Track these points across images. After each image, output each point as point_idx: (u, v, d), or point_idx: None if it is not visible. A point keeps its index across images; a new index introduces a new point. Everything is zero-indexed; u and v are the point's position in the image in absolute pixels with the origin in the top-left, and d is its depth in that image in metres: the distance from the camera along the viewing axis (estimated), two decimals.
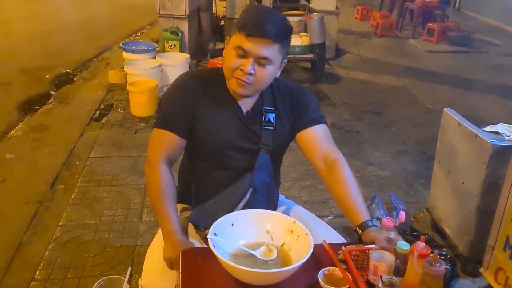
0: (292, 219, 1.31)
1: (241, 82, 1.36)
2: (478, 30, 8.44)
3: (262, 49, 1.32)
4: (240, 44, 1.32)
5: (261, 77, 1.36)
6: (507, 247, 1.88)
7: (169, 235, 1.36)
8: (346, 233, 2.60)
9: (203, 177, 1.53)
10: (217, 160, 1.48)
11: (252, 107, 1.48)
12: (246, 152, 1.47)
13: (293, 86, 1.55)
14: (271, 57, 1.34)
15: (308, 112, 1.50)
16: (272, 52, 1.33)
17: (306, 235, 1.26)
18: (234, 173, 1.47)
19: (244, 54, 1.33)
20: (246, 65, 1.33)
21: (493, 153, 1.99)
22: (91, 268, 2.27)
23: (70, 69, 5.66)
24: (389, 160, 3.53)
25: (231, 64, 1.36)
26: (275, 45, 1.33)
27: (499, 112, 4.58)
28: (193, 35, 5.68)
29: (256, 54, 1.32)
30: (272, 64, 1.36)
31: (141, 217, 2.71)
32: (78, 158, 3.39)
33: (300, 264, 1.16)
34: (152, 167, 1.44)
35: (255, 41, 1.31)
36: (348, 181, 1.42)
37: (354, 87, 5.41)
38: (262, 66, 1.35)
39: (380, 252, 1.24)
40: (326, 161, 1.46)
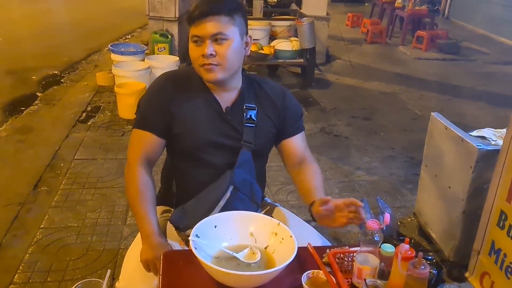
0: (277, 221, 1.29)
1: (207, 67, 1.37)
2: (466, 38, 8.55)
3: (210, 27, 1.34)
4: (192, 33, 1.36)
5: (224, 53, 1.36)
6: (493, 252, 1.87)
7: (147, 237, 1.33)
8: (332, 237, 2.59)
9: (184, 176, 1.51)
10: (197, 158, 1.46)
11: (232, 103, 1.47)
12: (226, 150, 1.46)
13: (275, 86, 1.56)
14: (224, 31, 1.35)
15: (293, 121, 1.54)
16: (223, 26, 1.34)
17: (290, 238, 1.24)
18: (215, 171, 1.45)
19: (199, 39, 1.35)
20: (204, 48, 1.35)
21: (479, 157, 1.98)
22: (72, 272, 2.21)
23: (57, 71, 5.60)
24: (377, 165, 3.53)
25: (193, 55, 1.38)
26: (222, 18, 1.34)
27: (485, 119, 4.62)
28: (183, 38, 5.65)
29: (208, 33, 1.34)
30: (229, 39, 1.36)
31: (125, 220, 2.66)
32: (63, 160, 3.33)
33: (283, 267, 1.13)
34: (131, 168, 1.43)
35: (202, 23, 1.34)
36: (313, 173, 1.49)
37: (344, 92, 5.43)
38: (221, 44, 1.35)
39: (365, 255, 1.22)
40: (299, 165, 1.53)
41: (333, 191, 3.10)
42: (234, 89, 1.47)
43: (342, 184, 3.21)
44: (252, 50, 4.88)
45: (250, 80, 1.53)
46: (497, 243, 1.85)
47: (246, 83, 1.50)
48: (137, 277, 1.37)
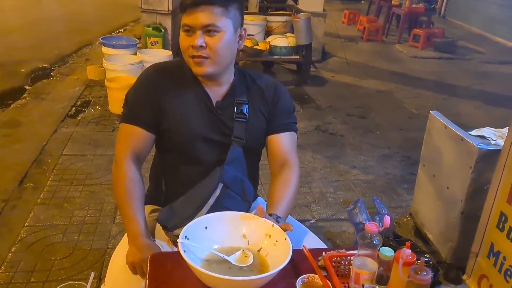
0: (271, 223, 1.22)
1: (197, 60, 1.31)
2: (462, 37, 8.52)
3: (202, 17, 1.27)
4: (183, 22, 1.30)
5: (214, 46, 1.30)
6: (492, 254, 1.82)
7: (134, 238, 1.27)
8: (328, 237, 2.53)
9: (173, 174, 1.45)
10: (187, 155, 1.40)
11: (222, 97, 1.41)
12: (216, 145, 1.39)
13: (268, 80, 1.49)
14: (216, 23, 1.28)
15: (282, 117, 1.46)
16: (216, 18, 1.28)
17: (285, 240, 1.17)
18: (205, 169, 1.38)
19: (190, 29, 1.29)
20: (195, 39, 1.28)
21: (479, 157, 1.93)
22: (57, 272, 2.13)
23: (47, 64, 5.47)
24: (373, 164, 3.47)
25: (183, 44, 1.32)
26: (216, 9, 1.28)
27: (481, 118, 4.59)
28: (177, 31, 5.54)
29: (199, 24, 1.28)
30: (222, 31, 1.30)
31: (114, 218, 2.58)
32: (50, 155, 3.24)
33: (277, 271, 1.07)
34: (119, 165, 1.36)
35: (194, 13, 1.28)
36: (288, 183, 1.41)
37: (340, 90, 5.36)
38: (212, 36, 1.29)
39: (363, 259, 1.16)
40: (282, 166, 1.44)
41: (328, 190, 3.04)
42: (225, 83, 1.41)
43: (337, 183, 3.15)
44: (247, 45, 4.80)
45: (242, 73, 1.46)
46: (496, 245, 1.80)
47: (238, 77, 1.44)
48: (123, 280, 1.31)
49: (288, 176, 1.41)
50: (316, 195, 2.97)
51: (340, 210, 2.80)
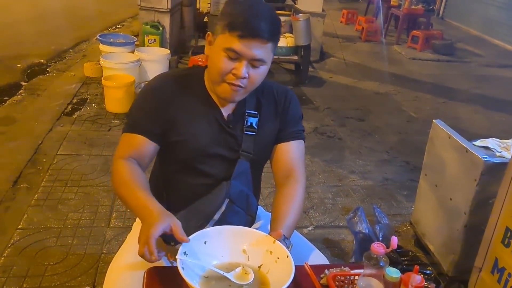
0: (272, 238, 1.18)
1: (234, 88, 1.24)
2: (461, 39, 8.51)
3: (256, 50, 1.20)
4: (232, 46, 1.19)
5: (255, 79, 1.25)
6: (496, 270, 1.78)
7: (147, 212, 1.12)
8: (326, 245, 2.50)
9: (176, 185, 1.39)
10: (192, 168, 1.34)
11: (233, 110, 1.35)
12: (224, 160, 1.34)
13: (278, 88, 1.43)
14: (265, 58, 1.22)
15: (292, 124, 1.41)
16: (266, 52, 1.22)
17: (287, 257, 1.13)
18: (210, 181, 1.34)
19: (237, 56, 1.20)
20: (240, 69, 1.21)
21: (484, 170, 1.89)
22: (50, 278, 2.08)
23: (43, 60, 5.40)
24: (372, 169, 3.44)
25: (222, 68, 1.22)
26: (269, 44, 1.22)
27: (481, 123, 4.57)
28: (175, 30, 5.49)
29: (250, 56, 1.20)
30: (265, 64, 1.24)
31: (109, 222, 2.53)
32: (45, 155, 3.17)
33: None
34: (117, 162, 1.28)
35: (248, 42, 1.18)
36: (293, 197, 1.34)
37: (338, 91, 5.33)
38: (256, 68, 1.23)
39: (368, 279, 1.12)
40: (287, 177, 1.38)
41: (327, 195, 3.01)
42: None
43: (335, 188, 3.11)
44: None
45: None
46: (500, 261, 1.76)
47: None
48: None
49: (293, 190, 1.35)
50: (315, 201, 2.93)
51: (338, 217, 2.76)
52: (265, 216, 1.57)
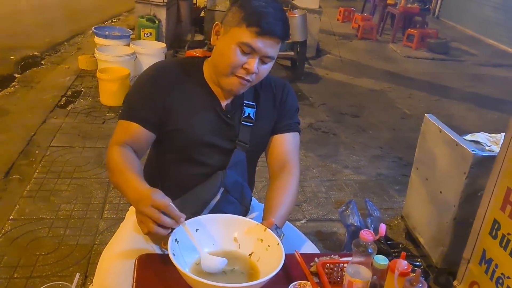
0: (263, 227, 1.19)
1: (243, 82, 1.25)
2: (456, 39, 8.55)
3: (270, 47, 1.22)
4: (248, 41, 1.20)
5: (262, 74, 1.28)
6: (483, 261, 1.81)
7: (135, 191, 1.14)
8: (318, 238, 2.51)
9: (172, 174, 1.39)
10: (189, 157, 1.35)
11: (231, 100, 1.36)
12: (220, 149, 1.35)
13: (276, 81, 1.45)
14: (275, 55, 1.26)
15: (288, 116, 1.43)
16: (277, 50, 1.26)
17: (277, 245, 1.14)
18: (206, 170, 1.34)
19: (250, 51, 1.21)
20: (252, 64, 1.22)
21: (473, 163, 1.91)
22: (41, 268, 2.08)
23: (38, 52, 5.37)
24: (365, 164, 3.46)
25: (235, 62, 1.22)
26: (280, 43, 1.25)
27: (473, 121, 4.61)
28: (171, 24, 5.49)
29: (264, 53, 1.22)
30: (272, 61, 1.27)
31: (102, 213, 2.53)
32: (38, 146, 3.17)
33: (267, 279, 1.04)
34: (112, 147, 1.27)
35: (265, 39, 1.20)
36: (287, 188, 1.35)
37: (333, 88, 5.35)
38: (265, 64, 1.25)
39: (356, 267, 1.13)
40: (282, 169, 1.38)
41: (320, 189, 3.02)
42: None
43: (329, 182, 3.13)
44: None
45: None
46: (488, 253, 1.79)
47: None
48: (112, 282, 1.25)
49: (287, 181, 1.36)
50: (308, 195, 2.95)
51: (331, 211, 2.78)
52: (260, 207, 1.58)
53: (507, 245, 1.68)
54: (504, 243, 1.70)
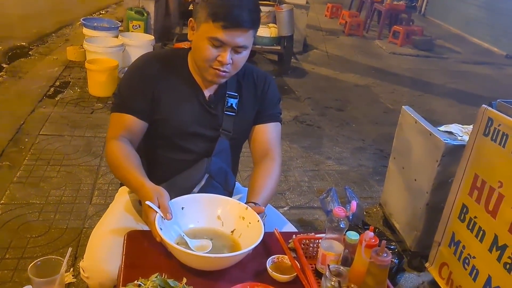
0: (245, 206, 1.28)
1: (220, 73, 1.32)
2: (440, 36, 8.72)
3: (239, 38, 1.27)
4: (216, 35, 1.26)
5: (238, 64, 1.34)
6: (452, 243, 1.93)
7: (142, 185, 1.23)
8: (300, 224, 2.62)
9: (159, 160, 1.47)
10: (175, 145, 1.43)
11: (215, 91, 1.44)
12: (205, 138, 1.43)
13: (258, 72, 1.52)
14: (247, 44, 1.31)
15: (270, 107, 1.51)
16: (248, 38, 1.30)
17: (258, 222, 1.24)
18: (191, 157, 1.43)
19: (221, 44, 1.28)
20: (225, 56, 1.29)
21: (445, 152, 2.03)
22: (32, 249, 2.15)
23: (25, 42, 5.36)
24: (347, 156, 3.58)
25: (208, 56, 1.29)
26: (251, 31, 1.29)
27: (453, 116, 4.74)
28: (160, 16, 5.52)
29: (234, 44, 1.28)
30: (247, 49, 1.33)
31: (91, 199, 2.60)
32: (27, 134, 3.21)
33: (249, 250, 1.13)
34: (110, 142, 1.35)
35: (232, 32, 1.25)
36: (270, 173, 1.44)
37: (319, 82, 5.45)
38: (239, 53, 1.31)
39: (330, 242, 1.23)
40: (264, 156, 1.48)
41: (303, 179, 3.13)
42: None
43: (312, 172, 3.24)
44: None
45: None
46: (457, 235, 1.91)
47: None
48: (103, 257, 1.33)
49: (270, 166, 1.45)
50: (291, 184, 3.05)
51: (313, 199, 2.89)
52: (244, 191, 1.67)
53: (474, 228, 1.81)
54: (471, 225, 1.83)
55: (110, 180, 2.78)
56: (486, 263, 1.71)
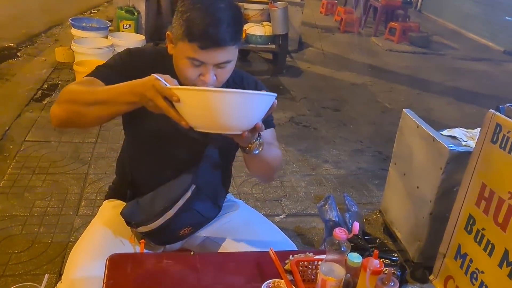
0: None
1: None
2: (437, 32, 8.63)
3: (219, 56, 1.16)
4: (195, 56, 1.15)
5: (223, 77, 1.22)
6: (459, 256, 1.83)
7: (131, 83, 1.08)
8: (297, 233, 2.51)
9: (142, 166, 1.37)
10: (159, 147, 1.33)
11: None
12: (192, 143, 1.31)
13: (248, 78, 1.42)
14: (230, 58, 1.19)
15: None
16: (230, 53, 1.18)
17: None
18: (177, 166, 1.32)
19: (201, 63, 1.17)
20: (207, 75, 1.17)
21: (450, 159, 1.93)
22: (14, 267, 2.03)
23: (13, 43, 5.22)
24: (345, 159, 3.47)
25: (190, 76, 1.19)
26: (233, 46, 1.17)
27: (452, 115, 4.66)
28: (151, 15, 5.39)
29: (215, 62, 1.17)
30: (232, 61, 1.21)
31: (78, 210, 2.48)
32: (12, 141, 3.09)
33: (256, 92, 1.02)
34: (64, 89, 1.20)
35: (210, 52, 1.14)
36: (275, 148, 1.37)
37: (315, 81, 5.34)
38: (223, 68, 1.20)
39: (330, 265, 1.13)
40: None
41: (300, 184, 3.02)
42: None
43: (309, 177, 3.13)
44: None
45: None
46: (463, 248, 1.81)
47: None
48: (80, 283, 1.22)
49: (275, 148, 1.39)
50: (287, 189, 2.94)
51: (310, 206, 2.78)
52: (234, 202, 1.56)
53: (482, 240, 1.71)
54: (478, 238, 1.73)
55: (98, 189, 2.67)
56: (496, 279, 1.61)
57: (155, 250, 1.41)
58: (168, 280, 1.17)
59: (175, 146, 1.32)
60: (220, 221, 1.46)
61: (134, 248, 1.38)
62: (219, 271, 1.23)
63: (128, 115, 1.27)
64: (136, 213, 1.30)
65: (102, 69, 1.28)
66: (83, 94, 1.15)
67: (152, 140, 1.33)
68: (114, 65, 1.28)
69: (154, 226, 1.28)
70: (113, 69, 1.26)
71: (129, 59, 1.29)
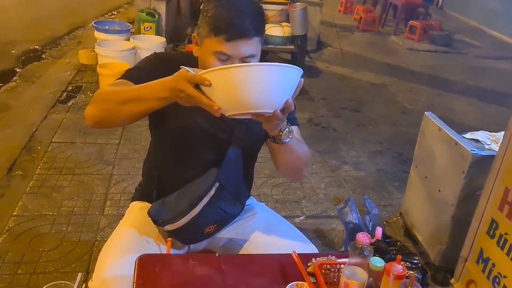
0: None
1: None
2: (459, 30, 8.48)
3: (245, 48, 1.21)
4: (221, 49, 1.20)
5: None
6: (481, 260, 1.83)
7: (162, 80, 1.13)
8: (317, 235, 2.53)
9: (168, 169, 1.43)
10: (185, 147, 1.38)
11: None
12: (216, 143, 1.37)
13: None
14: (254, 52, 1.24)
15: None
16: (255, 46, 1.24)
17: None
18: (201, 167, 1.37)
19: (227, 58, 1.22)
20: None
21: (472, 163, 1.92)
22: (44, 264, 2.11)
23: (38, 46, 5.36)
24: (365, 160, 3.47)
25: None
26: (256, 38, 1.23)
27: (474, 115, 4.59)
28: (171, 18, 5.46)
29: (240, 55, 1.22)
30: (256, 57, 1.26)
31: (103, 210, 2.56)
32: (40, 142, 3.18)
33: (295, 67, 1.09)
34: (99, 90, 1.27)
35: (236, 43, 1.20)
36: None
37: (334, 82, 5.33)
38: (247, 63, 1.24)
39: (353, 268, 1.16)
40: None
41: (319, 186, 3.04)
42: None
43: (328, 179, 3.14)
44: None
45: None
46: (485, 252, 1.81)
47: None
48: (111, 281, 1.27)
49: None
50: (307, 191, 2.96)
51: (330, 207, 2.80)
52: (256, 206, 1.59)
53: (505, 245, 1.70)
54: (501, 243, 1.72)
55: (122, 190, 2.74)
56: None
57: (180, 249, 1.46)
58: (194, 280, 1.21)
59: (200, 146, 1.37)
60: (242, 223, 1.50)
61: (160, 248, 1.42)
62: (243, 272, 1.26)
63: (154, 116, 1.33)
64: (162, 211, 1.34)
65: (133, 71, 1.34)
66: (115, 93, 1.21)
67: (177, 140, 1.38)
68: (144, 68, 1.34)
69: (180, 224, 1.32)
70: (143, 71, 1.32)
71: (157, 62, 1.35)
